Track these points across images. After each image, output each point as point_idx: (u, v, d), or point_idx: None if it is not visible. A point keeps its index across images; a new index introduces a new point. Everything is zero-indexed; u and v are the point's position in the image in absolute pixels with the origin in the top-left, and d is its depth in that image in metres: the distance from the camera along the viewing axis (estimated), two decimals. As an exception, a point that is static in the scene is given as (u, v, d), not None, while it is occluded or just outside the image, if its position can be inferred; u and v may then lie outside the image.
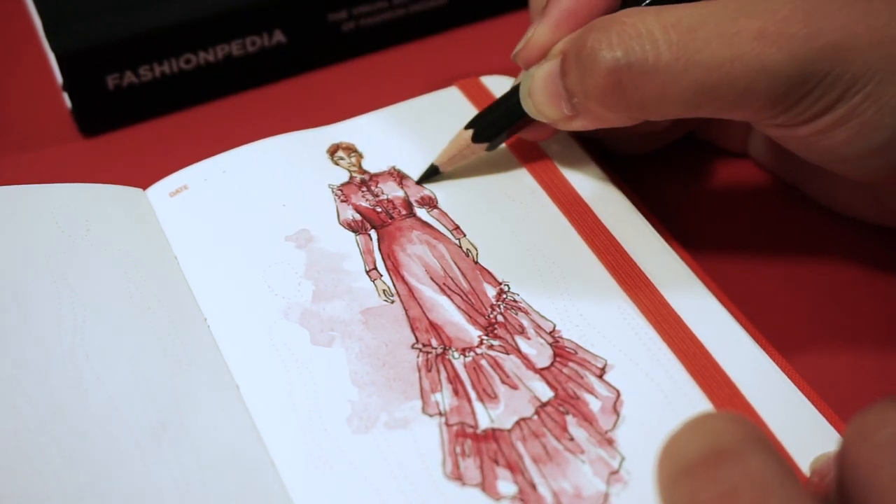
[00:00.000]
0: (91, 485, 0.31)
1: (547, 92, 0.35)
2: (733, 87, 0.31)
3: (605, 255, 0.36)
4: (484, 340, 0.34)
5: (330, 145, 0.41)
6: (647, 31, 0.31)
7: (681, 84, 0.31)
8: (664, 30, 0.31)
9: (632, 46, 0.31)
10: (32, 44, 0.48)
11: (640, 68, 0.31)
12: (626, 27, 0.32)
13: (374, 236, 0.38)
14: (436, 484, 0.31)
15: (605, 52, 0.32)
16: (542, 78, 0.35)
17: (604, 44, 0.32)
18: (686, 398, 0.32)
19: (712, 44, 0.31)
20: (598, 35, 0.32)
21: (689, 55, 0.31)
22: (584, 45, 0.32)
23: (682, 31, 0.31)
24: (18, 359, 0.33)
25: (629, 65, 0.32)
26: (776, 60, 0.31)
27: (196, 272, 0.37)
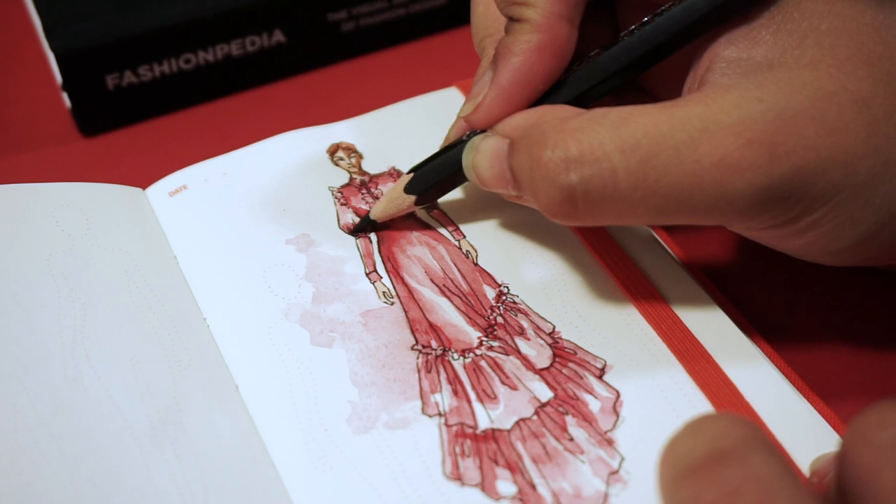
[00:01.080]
0: (91, 484, 0.31)
1: (493, 172, 0.33)
2: (693, 210, 0.30)
3: (604, 257, 0.36)
4: (483, 342, 0.34)
5: (330, 145, 0.41)
6: (604, 154, 0.30)
7: (637, 210, 0.30)
8: (622, 154, 0.29)
9: (588, 173, 0.30)
10: (32, 44, 0.48)
11: (597, 196, 0.30)
12: (583, 147, 0.30)
13: (374, 238, 0.38)
14: (436, 484, 0.31)
15: (561, 176, 0.30)
16: (489, 157, 0.33)
17: (560, 167, 0.30)
18: (686, 398, 0.32)
19: (671, 172, 0.29)
20: (553, 153, 0.30)
21: (648, 184, 0.30)
22: (538, 160, 0.30)
23: (641, 158, 0.29)
24: (18, 358, 0.33)
25: (586, 193, 0.30)
26: (736, 189, 0.29)
27: (196, 272, 0.37)
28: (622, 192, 0.30)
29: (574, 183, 0.30)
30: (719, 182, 0.29)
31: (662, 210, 0.30)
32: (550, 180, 0.30)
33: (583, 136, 0.30)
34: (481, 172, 0.34)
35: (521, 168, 0.32)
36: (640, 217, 0.31)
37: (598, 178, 0.30)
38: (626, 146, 0.30)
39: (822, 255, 0.32)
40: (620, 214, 0.31)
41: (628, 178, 0.30)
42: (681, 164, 0.29)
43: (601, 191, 0.30)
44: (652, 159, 0.29)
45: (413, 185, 0.36)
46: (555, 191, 0.30)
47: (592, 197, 0.30)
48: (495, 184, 0.33)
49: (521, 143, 0.32)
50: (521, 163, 0.32)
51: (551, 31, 0.33)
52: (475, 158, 0.34)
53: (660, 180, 0.29)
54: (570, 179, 0.30)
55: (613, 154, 0.30)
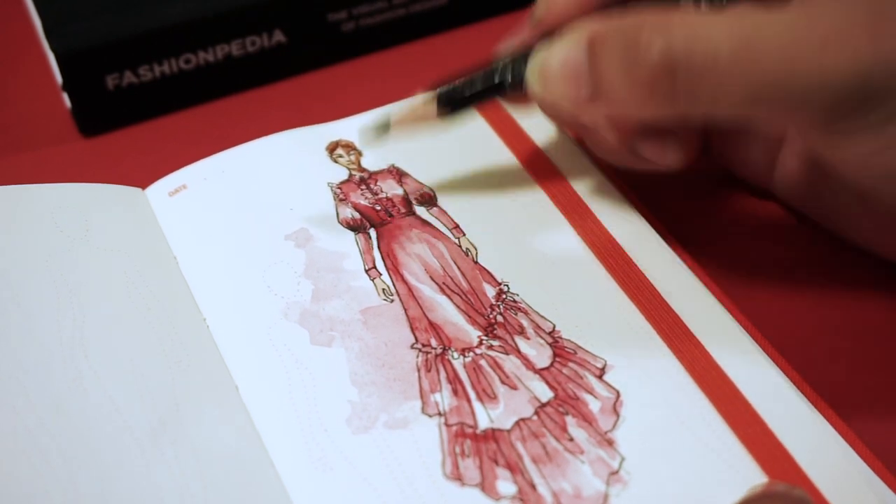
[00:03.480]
0: (90, 485, 0.30)
1: (566, 75, 0.33)
2: (792, 91, 0.30)
3: (605, 256, 0.36)
4: (483, 341, 0.34)
5: (329, 143, 0.41)
6: (706, 30, 0.30)
7: (737, 83, 0.30)
8: (724, 30, 0.30)
9: (690, 42, 0.30)
10: (32, 44, 0.48)
11: (699, 62, 0.30)
12: (686, 20, 0.31)
13: (374, 235, 0.38)
14: (435, 484, 0.31)
15: (662, 42, 0.30)
16: (563, 58, 0.33)
17: (662, 34, 0.30)
18: (686, 398, 0.32)
19: (773, 47, 0.30)
20: (653, 30, 0.31)
21: (751, 56, 0.30)
22: (637, 34, 0.31)
23: (744, 34, 0.30)
24: (18, 359, 0.33)
25: (688, 57, 0.30)
26: (839, 70, 0.29)
27: (195, 272, 0.37)
28: (724, 59, 0.30)
29: (676, 49, 0.30)
30: (821, 62, 0.29)
31: (760, 90, 0.30)
32: (651, 49, 0.30)
33: (685, 17, 0.31)
34: (550, 77, 0.33)
35: (610, 57, 0.32)
36: (738, 97, 0.30)
37: (700, 47, 0.30)
38: (728, 28, 0.30)
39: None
40: (718, 91, 0.30)
41: (731, 49, 0.30)
42: (783, 41, 0.30)
43: (702, 61, 0.30)
44: (756, 32, 0.30)
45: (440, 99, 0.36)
46: (655, 58, 0.30)
47: (693, 63, 0.30)
48: (566, 86, 0.33)
49: (611, 33, 0.32)
50: (611, 52, 0.32)
51: None
52: (545, 61, 0.33)
53: (762, 53, 0.30)
54: (672, 44, 0.30)
55: (716, 33, 0.30)
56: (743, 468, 0.30)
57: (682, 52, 0.30)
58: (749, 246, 0.40)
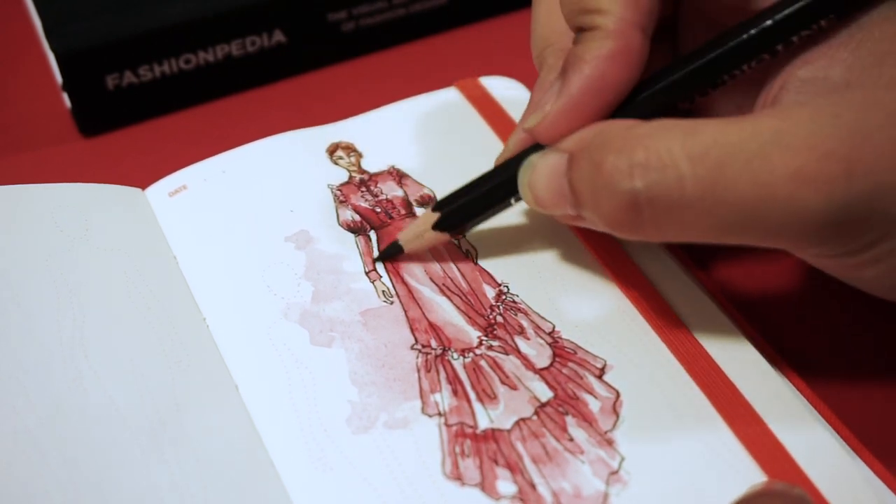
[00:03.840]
0: (90, 484, 0.30)
1: (550, 188, 0.32)
2: (762, 226, 0.28)
3: (604, 256, 0.36)
4: (483, 341, 0.34)
5: (329, 144, 0.41)
6: (671, 161, 0.28)
7: (704, 221, 0.29)
8: (690, 162, 0.28)
9: (654, 179, 0.28)
10: (32, 44, 0.48)
11: (662, 203, 0.28)
12: (650, 153, 0.28)
13: (374, 237, 0.38)
14: (435, 484, 0.31)
15: (625, 182, 0.29)
16: (547, 172, 0.32)
17: (624, 172, 0.29)
18: (685, 398, 0.32)
19: (742, 183, 0.28)
20: (617, 159, 0.29)
21: (717, 193, 0.28)
22: (600, 167, 0.29)
23: (710, 167, 0.28)
24: (18, 359, 0.33)
25: (650, 200, 0.28)
26: (812, 205, 0.27)
27: (195, 272, 0.37)
28: (689, 199, 0.28)
29: (638, 188, 0.28)
30: (793, 195, 0.27)
31: (730, 224, 0.28)
32: (613, 186, 0.29)
33: (650, 142, 0.29)
34: (538, 191, 0.32)
35: (580, 179, 0.30)
36: (707, 230, 0.29)
37: (665, 184, 0.28)
38: (695, 153, 0.28)
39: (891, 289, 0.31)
40: (686, 225, 0.29)
41: (696, 186, 0.28)
42: (753, 175, 0.28)
43: (667, 197, 0.28)
44: (722, 168, 0.28)
45: (446, 223, 0.35)
46: (618, 197, 0.29)
47: (658, 204, 0.28)
48: (552, 202, 0.32)
49: (582, 154, 0.30)
50: (581, 173, 0.30)
51: (625, 38, 0.31)
52: (531, 177, 0.32)
53: (730, 190, 0.28)
54: (634, 185, 0.28)
55: (681, 161, 0.28)
56: (742, 468, 0.30)
57: (644, 188, 0.28)
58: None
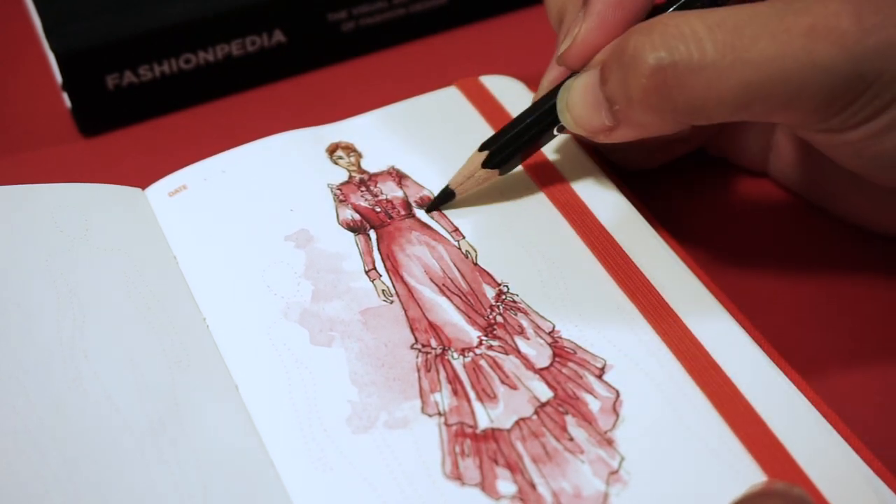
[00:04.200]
0: (90, 484, 0.30)
1: (586, 102, 0.34)
2: (784, 85, 0.30)
3: (604, 256, 0.36)
4: (483, 341, 0.34)
5: (329, 144, 0.41)
6: (691, 31, 0.30)
7: (728, 82, 0.30)
8: (709, 29, 0.30)
9: (676, 45, 0.30)
10: (32, 44, 0.48)
11: (686, 67, 0.30)
12: (669, 28, 0.31)
13: (374, 236, 0.38)
14: (435, 484, 0.31)
15: (649, 52, 0.31)
16: (582, 88, 0.34)
17: (647, 45, 0.31)
18: (685, 398, 0.32)
19: (760, 41, 0.30)
20: (639, 37, 0.31)
21: (737, 53, 0.30)
22: (625, 49, 0.31)
23: (728, 30, 0.30)
24: (17, 359, 0.33)
25: (674, 63, 0.30)
26: (829, 57, 0.29)
27: (195, 272, 0.37)
28: (710, 60, 0.30)
29: (662, 56, 0.30)
30: (809, 48, 0.29)
31: (752, 84, 0.30)
32: (639, 61, 0.31)
33: (669, 21, 0.31)
34: (576, 109, 0.34)
35: (610, 75, 0.32)
36: (731, 94, 0.30)
37: (686, 49, 0.30)
38: (712, 23, 0.30)
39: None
40: (710, 90, 0.30)
41: (716, 48, 0.30)
42: (769, 33, 0.30)
43: (689, 61, 0.30)
44: (739, 31, 0.30)
45: (493, 160, 0.37)
46: (644, 68, 0.31)
47: (681, 68, 0.30)
48: (590, 115, 0.34)
49: (611, 56, 0.32)
50: (610, 70, 0.32)
51: None
52: (569, 98, 0.34)
53: (748, 49, 0.30)
54: (657, 53, 0.31)
55: (700, 30, 0.30)
56: (742, 467, 0.30)
57: (668, 56, 0.31)
58: (750, 239, 0.40)
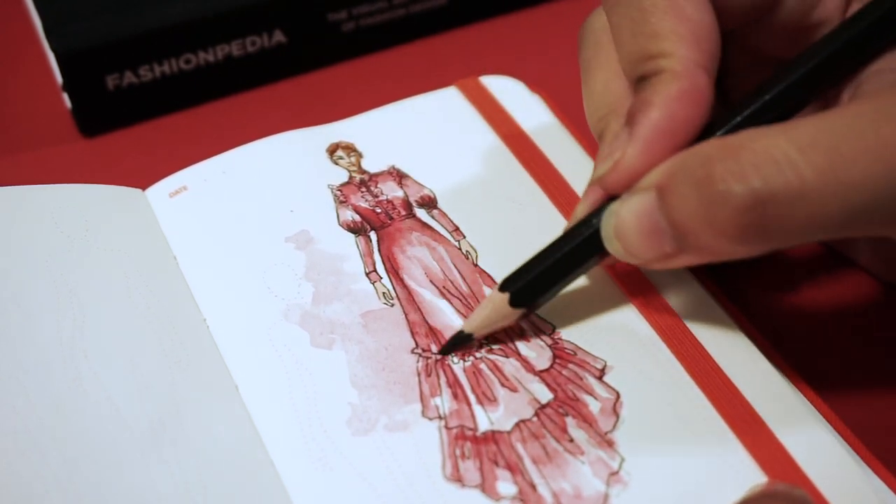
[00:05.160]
0: (90, 485, 0.31)
1: (642, 230, 0.30)
2: (889, 204, 0.27)
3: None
4: (483, 344, 0.34)
5: (329, 144, 0.41)
6: (783, 155, 0.27)
7: (831, 208, 0.27)
8: (803, 152, 0.27)
9: (770, 173, 0.27)
10: (32, 44, 0.48)
11: (784, 197, 0.27)
12: (759, 153, 0.27)
13: (374, 237, 0.38)
14: (435, 485, 0.31)
15: (740, 184, 0.27)
16: (635, 214, 0.30)
17: (737, 175, 0.27)
18: (686, 399, 0.32)
19: (860, 161, 0.27)
20: (725, 165, 0.27)
21: (838, 176, 0.27)
22: (710, 179, 0.28)
23: (823, 152, 0.27)
24: (17, 359, 0.33)
25: (772, 195, 0.27)
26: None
27: (195, 273, 0.37)
28: (811, 187, 0.27)
29: (757, 187, 0.27)
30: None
31: (855, 207, 0.27)
32: (729, 193, 0.27)
33: (753, 145, 0.27)
34: (628, 237, 0.31)
35: (682, 204, 0.29)
36: (834, 220, 0.27)
37: (783, 176, 0.27)
38: (803, 144, 0.27)
39: None
40: (812, 219, 0.27)
41: (815, 173, 0.27)
42: (867, 151, 0.27)
43: (788, 190, 0.27)
44: (837, 151, 0.27)
45: (521, 297, 0.33)
46: (736, 202, 0.27)
47: (780, 199, 0.27)
48: (647, 244, 0.30)
49: (676, 180, 0.29)
50: (681, 198, 0.29)
51: (692, 78, 0.30)
52: (617, 225, 0.31)
53: (850, 170, 0.27)
54: (752, 184, 0.27)
55: (793, 153, 0.27)
56: (743, 468, 0.30)
57: (764, 187, 0.27)
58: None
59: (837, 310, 0.37)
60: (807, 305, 0.37)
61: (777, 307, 0.37)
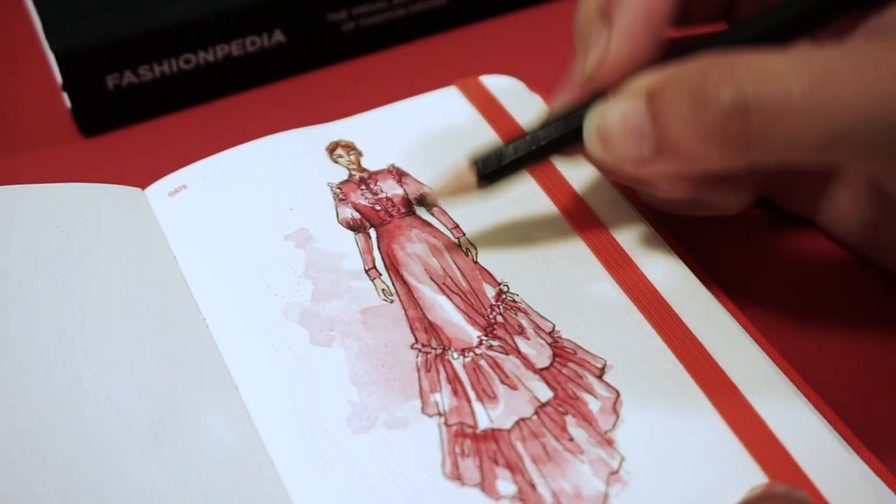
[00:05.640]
0: (90, 485, 0.30)
1: (626, 130, 0.31)
2: (873, 131, 0.28)
3: (604, 255, 0.36)
4: (483, 341, 0.34)
5: (329, 143, 0.41)
6: (775, 70, 0.28)
7: (814, 126, 0.28)
8: (795, 70, 0.28)
9: (761, 83, 0.28)
10: (32, 44, 0.48)
11: (772, 107, 0.28)
12: (753, 65, 0.28)
13: (374, 235, 0.38)
14: (435, 484, 0.31)
15: (731, 87, 0.28)
16: (621, 114, 0.31)
17: (728, 81, 0.28)
18: (686, 399, 0.32)
19: (851, 83, 0.28)
20: (719, 72, 0.29)
21: (825, 96, 0.28)
22: (703, 79, 0.29)
23: (816, 73, 0.28)
24: (17, 359, 0.33)
25: (759, 103, 0.28)
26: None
27: (195, 272, 0.37)
28: (798, 103, 0.28)
29: (745, 92, 0.28)
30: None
31: (839, 127, 0.28)
32: (719, 97, 0.28)
33: (749, 58, 0.29)
34: (611, 136, 0.32)
35: (672, 104, 0.30)
36: (816, 138, 0.28)
37: (772, 89, 0.28)
38: (797, 63, 0.28)
39: None
40: (795, 133, 0.28)
41: (804, 90, 0.28)
42: (861, 75, 0.28)
43: (775, 100, 0.28)
44: (829, 73, 0.28)
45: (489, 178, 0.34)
46: (722, 106, 0.28)
47: (766, 109, 0.28)
48: (626, 143, 0.31)
49: (670, 85, 0.30)
50: (672, 101, 0.30)
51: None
52: (601, 123, 0.32)
53: (839, 92, 0.28)
54: (740, 90, 0.28)
55: (785, 68, 0.28)
56: (743, 468, 0.30)
57: (752, 94, 0.28)
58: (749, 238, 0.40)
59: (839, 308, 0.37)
60: (809, 304, 0.37)
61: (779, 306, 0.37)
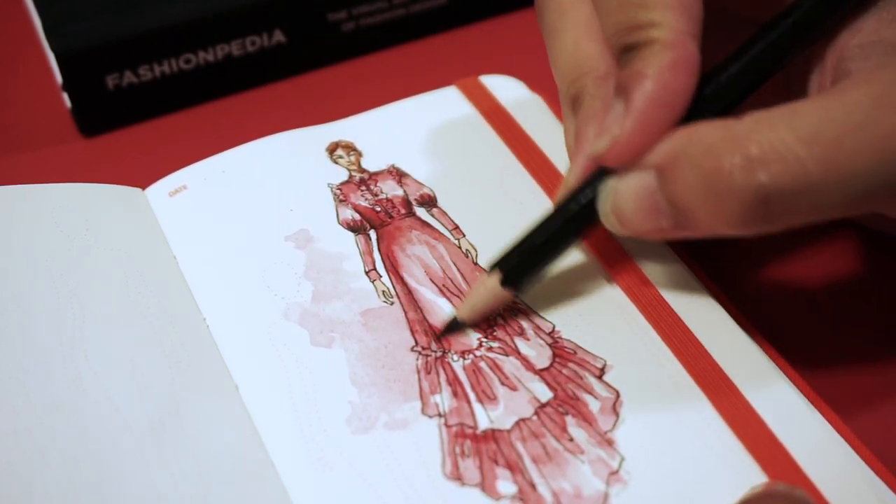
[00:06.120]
0: (90, 485, 0.30)
1: (641, 207, 0.31)
2: (889, 189, 0.29)
3: (604, 256, 0.36)
4: (483, 342, 0.34)
5: (329, 143, 0.41)
6: (787, 149, 0.28)
7: (834, 199, 0.28)
8: (806, 145, 0.28)
9: (776, 170, 0.28)
10: (32, 44, 0.48)
11: (790, 191, 0.28)
12: (764, 146, 0.28)
13: (374, 236, 0.38)
14: (435, 484, 0.31)
15: (748, 179, 0.28)
16: (635, 194, 0.31)
17: (744, 169, 0.28)
18: (686, 399, 0.32)
19: (861, 153, 0.28)
20: (733, 158, 0.28)
21: (841, 168, 0.28)
22: (717, 170, 0.29)
23: (826, 144, 0.28)
24: (17, 359, 0.33)
25: (778, 190, 0.28)
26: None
27: (195, 272, 0.37)
28: (815, 181, 0.28)
29: (765, 182, 0.28)
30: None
31: (858, 194, 0.29)
32: (736, 187, 0.28)
33: (757, 136, 0.28)
34: (626, 213, 0.31)
35: (688, 188, 0.30)
36: (836, 206, 0.29)
37: (788, 172, 0.28)
38: (807, 137, 0.28)
39: None
40: (815, 207, 0.29)
41: (819, 167, 0.28)
42: (870, 142, 0.28)
43: (793, 184, 0.28)
44: (839, 143, 0.28)
45: (512, 277, 0.34)
46: (743, 195, 0.28)
47: (786, 193, 0.28)
48: (643, 220, 0.31)
49: (680, 164, 0.30)
50: (686, 183, 0.30)
51: (683, 48, 0.31)
52: (616, 201, 0.32)
53: (852, 162, 0.28)
54: (759, 179, 0.28)
55: (797, 146, 0.28)
56: (743, 468, 0.30)
57: (770, 182, 0.28)
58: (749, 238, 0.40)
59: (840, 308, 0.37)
60: (809, 305, 0.37)
61: (780, 307, 0.37)
